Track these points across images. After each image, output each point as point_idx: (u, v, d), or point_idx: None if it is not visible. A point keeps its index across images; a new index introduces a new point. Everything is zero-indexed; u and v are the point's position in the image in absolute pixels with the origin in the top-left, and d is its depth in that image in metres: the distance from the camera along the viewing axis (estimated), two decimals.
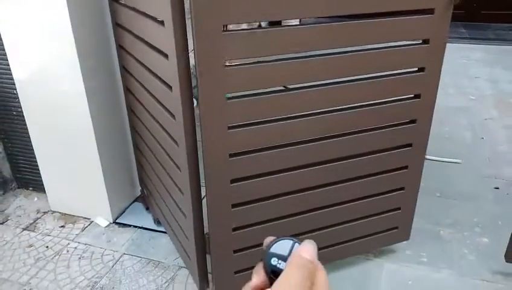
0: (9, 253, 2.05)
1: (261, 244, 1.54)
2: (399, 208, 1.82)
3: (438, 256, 2.01)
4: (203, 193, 1.51)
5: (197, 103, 1.30)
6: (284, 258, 0.40)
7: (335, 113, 1.48)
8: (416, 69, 1.52)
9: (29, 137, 2.20)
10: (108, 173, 2.14)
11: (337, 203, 1.66)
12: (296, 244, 0.41)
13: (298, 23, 2.94)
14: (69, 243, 2.10)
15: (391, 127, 1.59)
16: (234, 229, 1.55)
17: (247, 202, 1.52)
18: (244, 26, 2.14)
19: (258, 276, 0.41)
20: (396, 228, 1.87)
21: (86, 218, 2.27)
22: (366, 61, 1.44)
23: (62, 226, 2.22)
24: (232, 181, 1.46)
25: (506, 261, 1.83)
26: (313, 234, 1.68)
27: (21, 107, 2.13)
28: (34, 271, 1.93)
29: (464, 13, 5.84)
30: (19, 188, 2.53)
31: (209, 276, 1.70)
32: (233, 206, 1.50)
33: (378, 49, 1.45)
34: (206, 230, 1.58)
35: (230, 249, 1.59)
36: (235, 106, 1.34)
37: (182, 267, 1.93)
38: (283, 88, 1.44)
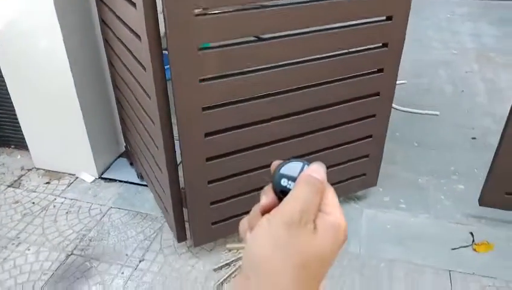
0: None
1: (236, 196, 1.57)
2: (367, 156, 1.87)
3: (416, 202, 2.09)
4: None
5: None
6: (293, 179, 0.40)
7: (305, 63, 1.50)
8: (384, 18, 1.53)
9: (9, 95, 2.19)
10: (92, 129, 2.16)
11: (308, 152, 1.70)
12: (306, 166, 0.41)
13: None
14: (55, 199, 2.14)
15: (360, 76, 1.61)
16: (209, 182, 1.59)
17: (221, 155, 1.55)
18: None
19: (267, 196, 0.41)
20: (364, 174, 1.94)
21: (71, 174, 2.30)
22: (336, 11, 1.45)
23: (47, 183, 2.26)
24: (206, 135, 1.48)
25: (480, 205, 1.92)
26: None
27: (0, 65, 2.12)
28: (21, 226, 1.98)
29: None
30: (0, 146, 2.52)
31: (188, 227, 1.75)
32: (208, 159, 1.53)
33: None
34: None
35: (207, 201, 1.63)
36: (206, 57, 1.33)
37: None
38: (255, 38, 1.44)
